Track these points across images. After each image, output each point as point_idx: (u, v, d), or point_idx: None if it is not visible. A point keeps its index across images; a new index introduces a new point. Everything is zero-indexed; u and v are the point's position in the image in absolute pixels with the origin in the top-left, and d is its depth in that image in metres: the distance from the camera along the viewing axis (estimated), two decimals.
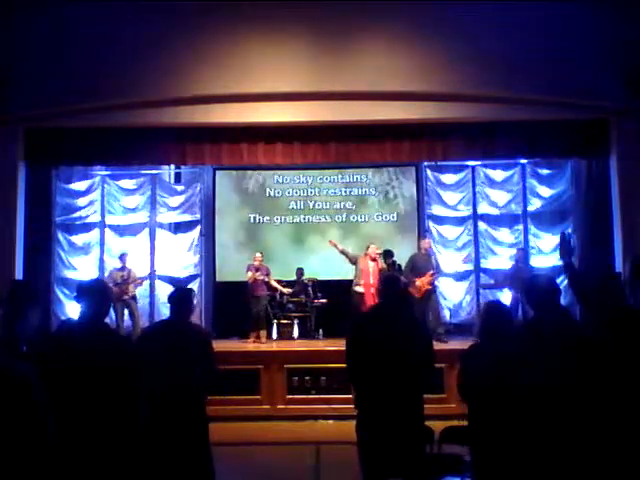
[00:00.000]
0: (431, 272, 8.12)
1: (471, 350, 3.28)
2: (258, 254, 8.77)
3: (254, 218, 10.00)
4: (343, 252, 8.42)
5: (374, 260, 8.13)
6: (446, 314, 8.52)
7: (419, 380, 3.39)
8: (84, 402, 2.61)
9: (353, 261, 8.33)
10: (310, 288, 9.11)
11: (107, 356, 2.70)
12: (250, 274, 8.54)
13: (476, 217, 9.63)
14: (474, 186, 9.63)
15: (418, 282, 8.00)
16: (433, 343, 3.63)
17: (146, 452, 2.86)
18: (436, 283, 8.39)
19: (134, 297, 8.48)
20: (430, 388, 4.02)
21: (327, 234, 9.76)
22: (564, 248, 3.24)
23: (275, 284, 8.89)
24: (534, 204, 9.43)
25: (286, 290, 9.03)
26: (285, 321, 8.90)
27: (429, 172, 9.74)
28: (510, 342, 3.10)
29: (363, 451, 3.40)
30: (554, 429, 2.73)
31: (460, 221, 9.69)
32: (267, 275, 8.70)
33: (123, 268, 8.51)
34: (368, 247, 8.25)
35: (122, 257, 8.62)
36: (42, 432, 1.95)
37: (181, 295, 3.85)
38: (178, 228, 9.82)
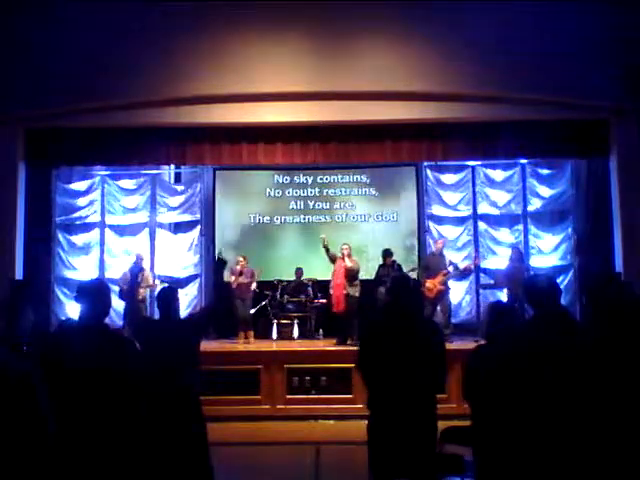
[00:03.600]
0: (444, 272, 8.10)
1: (477, 351, 3.27)
2: (241, 258, 8.63)
3: (254, 218, 10.01)
4: (326, 248, 8.18)
5: (343, 259, 8.04)
6: None
7: (432, 381, 3.39)
8: (84, 402, 2.61)
9: (332, 260, 8.20)
10: (310, 288, 9.11)
11: (107, 356, 2.70)
12: (233, 278, 8.49)
13: (476, 217, 9.63)
14: (474, 186, 9.62)
15: (429, 283, 7.98)
16: (445, 344, 3.62)
17: (145, 452, 2.86)
18: (449, 284, 8.30)
19: (143, 300, 8.35)
20: (442, 389, 4.01)
21: (327, 234, 9.74)
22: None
23: (255, 287, 8.63)
24: (534, 204, 9.42)
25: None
26: (285, 321, 8.89)
27: (429, 172, 9.73)
28: (515, 342, 3.09)
29: (374, 451, 3.39)
30: (558, 430, 2.72)
31: (460, 221, 9.68)
32: (251, 277, 8.55)
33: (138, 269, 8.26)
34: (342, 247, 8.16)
35: (138, 258, 8.40)
36: (43, 431, 1.95)
37: (167, 294, 3.87)
38: (178, 228, 9.83)
